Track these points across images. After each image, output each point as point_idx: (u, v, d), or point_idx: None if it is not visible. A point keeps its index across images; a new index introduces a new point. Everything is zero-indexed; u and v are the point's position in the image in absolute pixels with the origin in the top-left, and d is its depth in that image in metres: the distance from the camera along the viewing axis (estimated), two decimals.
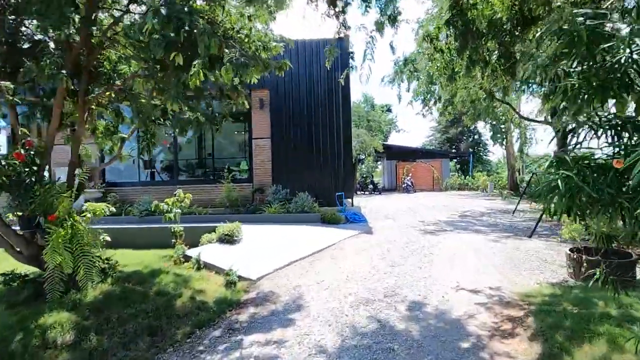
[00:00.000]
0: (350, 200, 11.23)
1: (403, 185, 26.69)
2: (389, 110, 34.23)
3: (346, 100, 11.08)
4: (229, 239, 6.79)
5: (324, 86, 11.11)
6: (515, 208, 11.20)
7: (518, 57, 5.54)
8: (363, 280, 5.07)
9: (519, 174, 24.30)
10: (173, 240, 6.69)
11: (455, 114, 15.76)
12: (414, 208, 13.69)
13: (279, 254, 6.31)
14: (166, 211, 6.49)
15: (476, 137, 38.84)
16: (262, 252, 6.43)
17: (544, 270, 5.17)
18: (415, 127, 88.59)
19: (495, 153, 41.41)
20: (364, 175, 30.17)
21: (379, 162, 36.59)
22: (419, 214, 11.73)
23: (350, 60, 6.59)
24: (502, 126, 23.17)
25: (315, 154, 11.06)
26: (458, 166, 35.80)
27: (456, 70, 6.51)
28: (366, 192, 26.32)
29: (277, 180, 11.01)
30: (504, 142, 23.41)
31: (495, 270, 5.28)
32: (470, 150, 36.62)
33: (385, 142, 29.49)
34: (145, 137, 5.54)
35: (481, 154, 38.62)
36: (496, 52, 5.81)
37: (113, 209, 5.98)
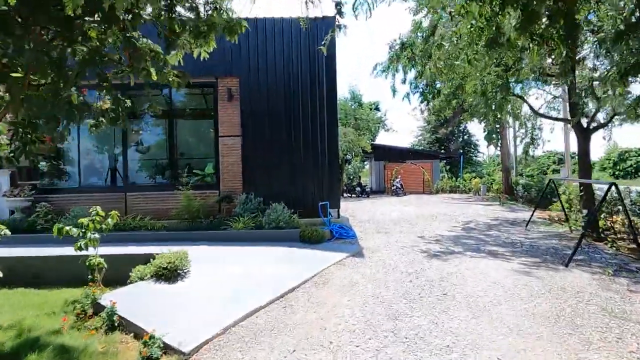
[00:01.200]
0: (337, 210, 9.50)
1: (392, 188, 25.17)
2: (377, 108, 32.69)
3: (332, 91, 9.34)
4: (168, 275, 4.93)
5: (306, 75, 9.34)
6: (529, 219, 9.66)
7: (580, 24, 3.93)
8: (352, 356, 3.32)
9: (515, 177, 23.11)
10: (89, 276, 4.81)
11: (456, 108, 14.25)
12: (408, 217, 12.06)
13: (236, 298, 4.51)
14: (78, 235, 4.57)
15: (466, 137, 37.79)
16: (212, 295, 4.61)
17: (622, 334, 3.53)
18: (403, 126, 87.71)
19: (485, 154, 40.50)
20: (351, 177, 28.53)
21: (366, 163, 35.07)
22: (416, 226, 10.09)
23: (338, 18, 4.78)
24: (497, 126, 21.91)
25: (295, 156, 9.28)
26: (447, 167, 34.61)
27: (494, 36, 4.75)
28: (353, 195, 24.68)
29: (248, 187, 9.17)
30: (499, 143, 22.15)
31: (546, 331, 3.62)
32: (460, 151, 35.49)
33: (373, 142, 27.94)
34: (21, 130, 3.61)
35: (471, 154, 37.59)
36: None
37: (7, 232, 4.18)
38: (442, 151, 35.50)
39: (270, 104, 9.29)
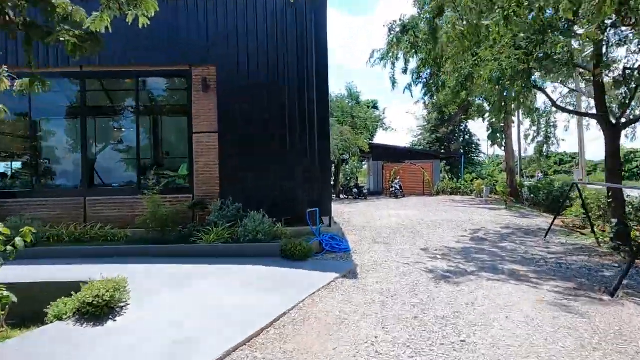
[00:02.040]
0: (328, 217, 8.32)
1: (391, 189, 24.02)
2: (376, 107, 31.52)
3: (323, 81, 8.15)
4: (96, 312, 3.73)
5: (294, 63, 8.15)
6: (549, 229, 8.50)
7: None
8: None
9: (519, 178, 21.99)
10: None
11: (464, 102, 13.07)
12: (409, 223, 10.89)
13: (180, 350, 3.31)
14: None
15: (467, 137, 36.67)
16: (146, 344, 3.41)
17: None
18: (402, 125, 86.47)
19: (486, 154, 39.40)
20: (348, 178, 27.36)
21: (364, 163, 33.91)
22: (419, 235, 8.92)
23: None
24: (502, 124, 20.75)
25: (281, 156, 8.09)
26: (448, 168, 33.49)
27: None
28: (350, 197, 23.51)
29: (226, 191, 7.98)
30: (503, 142, 21.02)
31: None
32: (461, 151, 34.38)
33: (371, 141, 26.78)
34: None
35: (472, 155, 36.48)
36: None
37: None
38: (442, 151, 34.39)
39: (252, 96, 8.09)
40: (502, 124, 21.16)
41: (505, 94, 6.85)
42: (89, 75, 8.07)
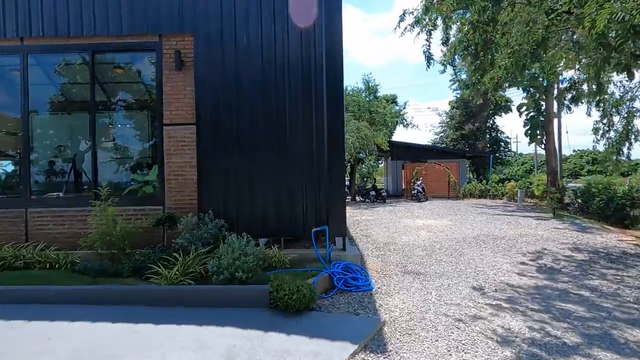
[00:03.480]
0: (342, 237, 6.24)
1: (413, 192, 21.70)
2: (394, 101, 29.14)
3: (335, 58, 6.05)
4: None
5: (297, 35, 6.09)
6: None
7: None
8: None
9: (560, 180, 19.32)
10: None
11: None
12: (444, 239, 8.70)
13: None
14: None
15: (494, 134, 33.81)
16: None
17: None
18: (422, 122, 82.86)
19: (515, 152, 36.35)
20: (365, 178, 25.13)
21: (380, 162, 31.59)
22: (462, 259, 6.73)
23: None
24: (542, 118, 18.16)
25: (278, 156, 6.07)
26: (473, 168, 30.78)
27: None
28: (367, 200, 21.33)
29: (207, 202, 6.01)
30: (543, 139, 18.38)
31: None
32: (489, 149, 31.61)
33: (390, 139, 24.48)
34: None
35: (501, 153, 33.61)
36: None
37: None
38: (467, 149, 31.71)
39: (241, 75, 6.08)
40: (542, 119, 18.60)
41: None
42: (31, 49, 6.23)
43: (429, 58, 6.64)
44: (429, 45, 6.55)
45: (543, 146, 18.87)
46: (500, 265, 6.33)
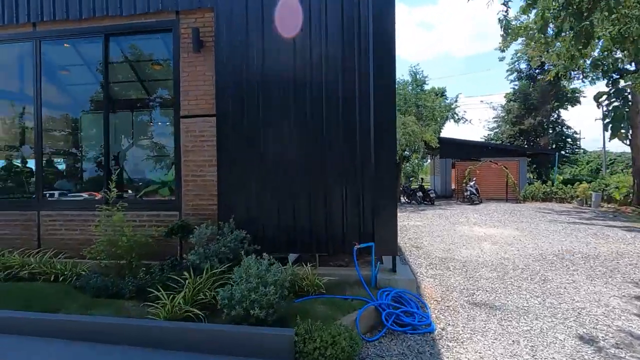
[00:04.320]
0: (392, 256, 4.98)
1: (465, 193, 19.66)
2: (444, 94, 26.91)
3: (383, 42, 4.78)
4: None
5: (336, 7, 4.90)
6: None
7: None
8: None
9: None
10: None
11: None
12: (516, 256, 7.10)
13: None
14: None
15: (558, 128, 30.20)
16: None
17: None
18: (475, 116, 77.44)
19: (583, 149, 32.31)
20: (410, 177, 23.34)
21: (425, 160, 29.47)
22: (549, 287, 5.18)
23: None
24: (627, 109, 15.37)
25: (314, 156, 4.93)
26: (533, 167, 27.65)
27: None
28: (413, 202, 19.67)
29: (227, 208, 5.04)
30: (629, 134, 15.59)
31: None
32: (551, 146, 28.25)
33: (439, 135, 22.48)
34: None
35: (566, 150, 29.96)
36: None
37: None
38: (526, 146, 28.58)
39: (269, 60, 5.03)
40: (627, 110, 15.80)
41: None
42: (44, 36, 5.65)
43: (506, 27, 5.13)
44: (506, 11, 5.04)
45: (628, 142, 16.04)
46: (607, 300, 4.71)
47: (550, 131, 29.46)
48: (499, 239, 8.75)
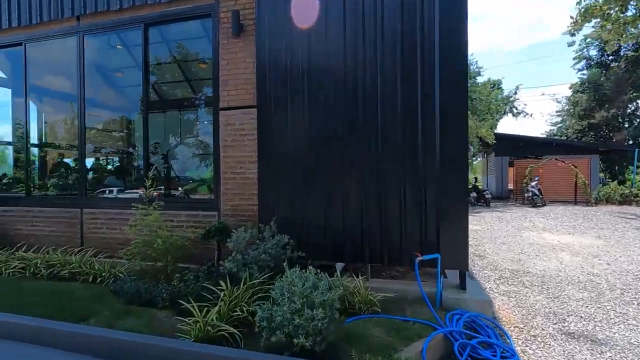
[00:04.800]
0: (460, 271, 4.17)
1: (526, 194, 17.81)
2: (500, 87, 24.78)
3: (452, 17, 3.97)
4: None
5: None
6: None
7: None
8: None
9: None
10: None
11: None
12: (608, 273, 5.91)
13: None
14: None
15: (637, 121, 26.63)
16: None
17: None
18: (535, 110, 70.99)
19: None
20: None
21: (476, 158, 27.41)
22: None
23: None
24: None
25: (364, 151, 4.25)
26: (605, 165, 24.58)
27: None
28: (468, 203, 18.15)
29: (268, 210, 4.53)
30: None
31: None
32: (629, 142, 24.94)
33: (495, 130, 20.63)
34: None
35: None
36: None
37: None
38: (596, 142, 25.52)
39: (315, 44, 4.43)
40: None
41: None
42: (86, 29, 5.52)
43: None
44: None
45: None
46: None
47: (627, 125, 26.01)
48: (579, 249, 7.47)
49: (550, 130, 29.50)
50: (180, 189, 6.41)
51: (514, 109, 20.83)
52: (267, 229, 4.21)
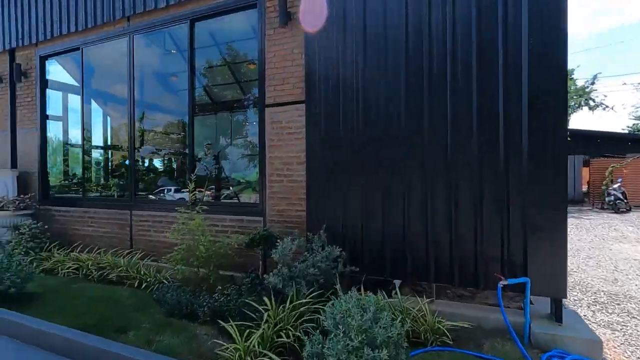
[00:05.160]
0: (554, 299, 3.36)
1: (607, 198, 15.61)
2: (571, 77, 22.15)
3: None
4: None
5: None
6: None
7: None
8: None
9: None
10: None
11: None
12: None
13: None
14: None
15: None
16: None
17: None
18: (615, 101, 63.64)
19: None
20: None
21: None
22: None
23: None
24: None
25: (429, 152, 3.60)
26: None
27: None
28: None
29: (318, 216, 4.06)
30: None
31: None
32: None
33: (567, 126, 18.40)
34: None
35: None
36: None
37: None
38: None
39: (372, 35, 3.86)
40: None
41: None
42: (137, 29, 5.47)
43: None
44: None
45: None
46: None
47: None
48: None
49: (634, 124, 25.82)
50: (231, 187, 6.27)
51: (590, 101, 18.37)
52: (316, 239, 3.73)
